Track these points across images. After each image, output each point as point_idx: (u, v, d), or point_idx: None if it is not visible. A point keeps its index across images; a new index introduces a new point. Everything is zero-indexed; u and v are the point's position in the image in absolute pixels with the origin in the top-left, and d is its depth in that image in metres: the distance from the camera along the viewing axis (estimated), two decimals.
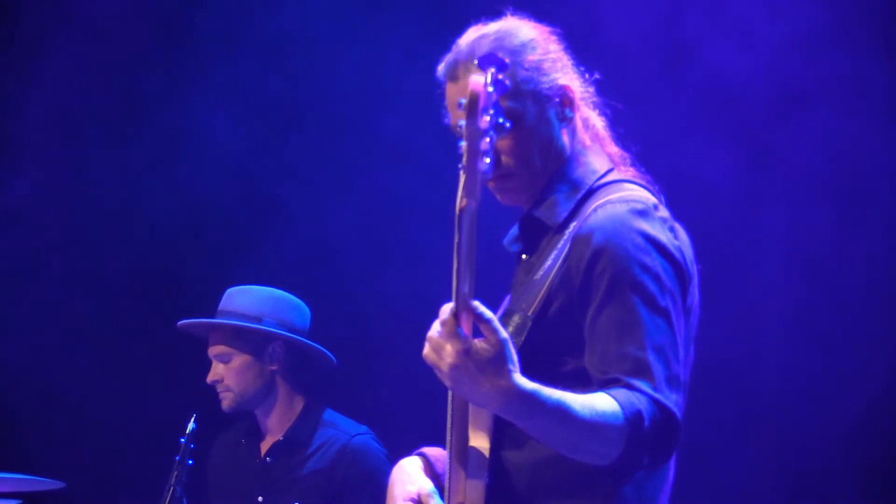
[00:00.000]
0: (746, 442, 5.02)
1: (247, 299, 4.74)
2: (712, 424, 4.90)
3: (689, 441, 4.49)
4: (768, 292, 5.04)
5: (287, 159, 5.80)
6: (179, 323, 4.76)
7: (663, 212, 2.71)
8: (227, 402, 4.70)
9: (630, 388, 2.49)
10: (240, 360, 4.70)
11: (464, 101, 2.31)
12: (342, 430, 4.74)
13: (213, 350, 4.72)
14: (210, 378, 4.70)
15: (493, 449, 2.62)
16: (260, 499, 4.68)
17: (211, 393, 4.92)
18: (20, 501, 4.52)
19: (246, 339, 4.70)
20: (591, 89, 2.86)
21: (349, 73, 5.67)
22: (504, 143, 2.72)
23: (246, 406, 4.72)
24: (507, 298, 2.83)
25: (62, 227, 5.84)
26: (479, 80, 2.31)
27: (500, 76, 2.36)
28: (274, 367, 4.71)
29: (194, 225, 5.82)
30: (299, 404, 4.76)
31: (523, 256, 2.82)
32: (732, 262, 5.02)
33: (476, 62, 2.39)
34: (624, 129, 2.93)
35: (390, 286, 5.54)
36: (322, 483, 4.66)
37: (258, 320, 4.68)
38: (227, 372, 4.69)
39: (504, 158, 2.73)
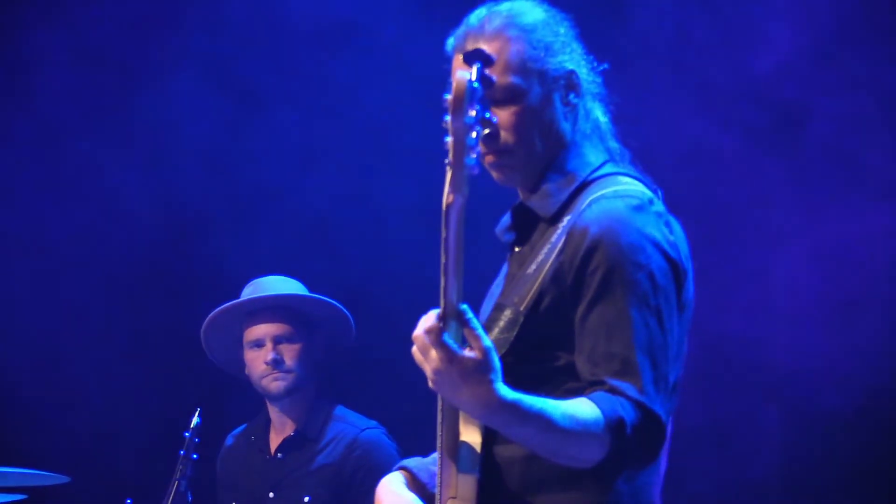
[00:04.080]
0: (754, 431, 5.04)
1: (293, 287, 4.77)
2: (721, 412, 4.94)
3: (698, 428, 4.54)
4: (781, 281, 5.05)
5: (272, 143, 5.78)
6: (267, 295, 4.71)
7: (659, 206, 2.70)
8: (283, 384, 4.67)
9: (614, 391, 2.49)
10: (303, 343, 4.71)
11: (448, 96, 2.31)
12: (352, 424, 4.76)
13: (276, 329, 4.70)
14: (270, 357, 4.66)
15: (484, 443, 2.61)
16: (271, 495, 4.70)
17: (215, 388, 4.93)
18: (25, 496, 4.53)
19: (306, 323, 4.72)
20: (599, 80, 2.85)
21: (337, 55, 5.65)
22: (505, 119, 2.69)
23: (295, 392, 4.70)
24: (498, 287, 2.83)
25: (60, 223, 5.83)
26: (464, 76, 2.31)
27: (486, 71, 2.36)
28: (319, 357, 4.74)
29: (187, 216, 5.79)
30: (315, 399, 4.79)
31: (515, 248, 2.82)
32: (745, 251, 5.05)
33: (462, 57, 2.39)
34: (641, 121, 2.92)
35: (386, 269, 5.55)
36: (332, 477, 4.67)
37: None
38: (290, 352, 4.68)
39: (503, 134, 2.71)
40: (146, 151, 5.84)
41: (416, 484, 2.78)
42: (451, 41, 2.80)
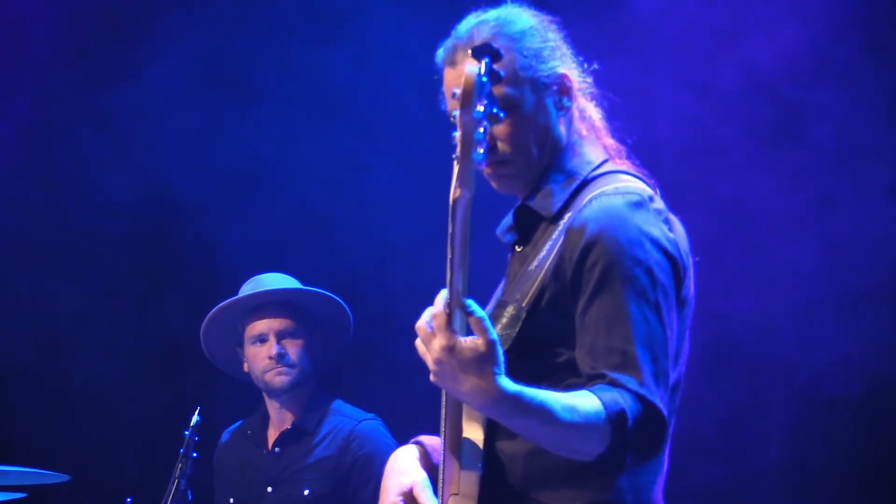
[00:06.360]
0: (762, 419, 5.07)
1: (291, 284, 4.80)
2: (729, 401, 4.97)
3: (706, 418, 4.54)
4: (789, 271, 5.07)
5: (264, 136, 5.76)
6: (271, 290, 4.73)
7: (658, 203, 2.71)
8: (286, 378, 4.69)
9: (615, 384, 2.49)
10: (305, 338, 4.73)
11: (457, 90, 2.31)
12: (349, 416, 4.78)
13: (279, 324, 4.72)
14: (273, 352, 4.68)
15: (486, 439, 2.62)
16: (269, 489, 4.71)
17: (215, 386, 4.92)
18: (25, 494, 4.53)
19: (306, 318, 4.74)
20: (590, 79, 2.86)
21: (330, 44, 5.64)
22: (500, 130, 2.71)
23: (297, 387, 4.72)
24: (500, 287, 2.83)
25: (57, 222, 5.82)
26: (473, 71, 2.32)
27: (494, 66, 2.37)
28: (319, 352, 4.76)
29: (186, 214, 5.77)
30: (314, 395, 4.80)
31: (517, 248, 2.82)
32: (753, 242, 5.08)
33: (470, 52, 2.40)
34: (647, 114, 2.91)
35: (379, 264, 5.56)
36: (330, 470, 4.69)
37: None
38: (294, 347, 4.70)
39: (500, 145, 2.73)
40: (137, 145, 5.83)
41: (426, 462, 2.78)
42: (439, 53, 2.81)
